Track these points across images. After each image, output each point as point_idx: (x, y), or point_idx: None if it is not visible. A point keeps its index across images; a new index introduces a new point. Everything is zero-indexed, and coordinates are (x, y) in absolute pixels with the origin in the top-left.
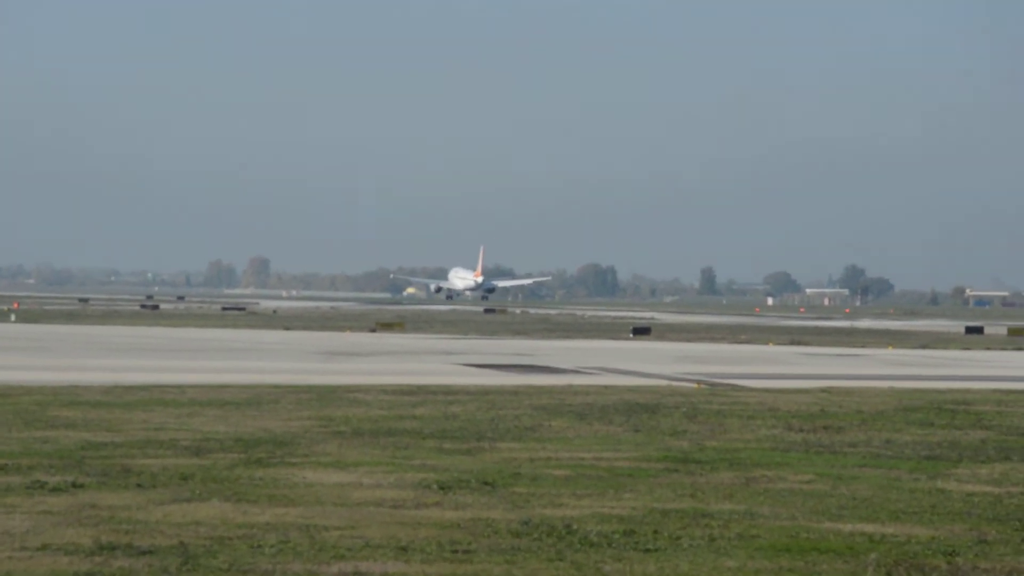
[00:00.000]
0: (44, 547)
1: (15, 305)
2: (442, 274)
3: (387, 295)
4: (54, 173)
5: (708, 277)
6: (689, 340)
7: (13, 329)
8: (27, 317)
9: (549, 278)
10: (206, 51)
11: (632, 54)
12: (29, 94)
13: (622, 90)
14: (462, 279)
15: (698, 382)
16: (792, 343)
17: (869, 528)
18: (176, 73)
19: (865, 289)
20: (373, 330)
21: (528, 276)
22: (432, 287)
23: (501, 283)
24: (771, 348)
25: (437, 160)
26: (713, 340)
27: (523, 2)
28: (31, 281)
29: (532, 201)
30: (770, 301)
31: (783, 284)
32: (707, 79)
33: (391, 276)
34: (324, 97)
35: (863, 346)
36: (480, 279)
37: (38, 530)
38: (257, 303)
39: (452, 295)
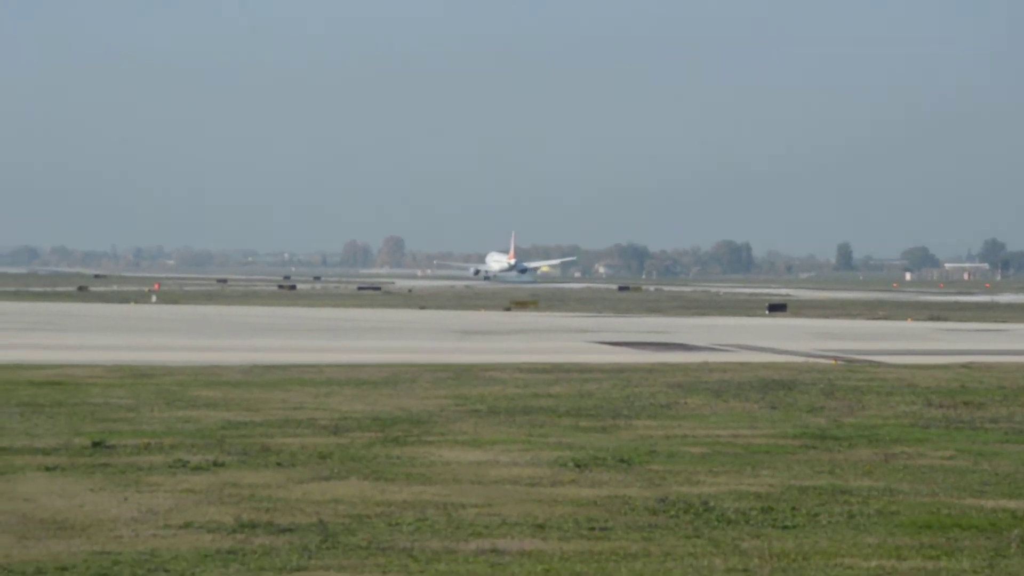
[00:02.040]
0: (187, 525)
1: (156, 287)
2: (559, 252)
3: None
4: (190, 157)
5: (844, 253)
6: (826, 316)
7: (154, 310)
8: (167, 298)
9: (574, 258)
10: (334, 35)
11: (761, 32)
12: (165, 80)
13: (752, 68)
14: (497, 261)
15: (835, 358)
16: (931, 318)
17: (1012, 504)
18: (295, 55)
19: (1006, 263)
20: (507, 309)
21: (560, 256)
22: (472, 270)
23: (531, 264)
24: (910, 324)
25: (569, 139)
26: (850, 316)
27: None
28: (171, 263)
29: (667, 178)
30: (908, 276)
31: (921, 259)
32: (835, 48)
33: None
34: (458, 80)
35: (1004, 321)
36: (513, 260)
37: (181, 508)
38: (392, 282)
39: (488, 276)
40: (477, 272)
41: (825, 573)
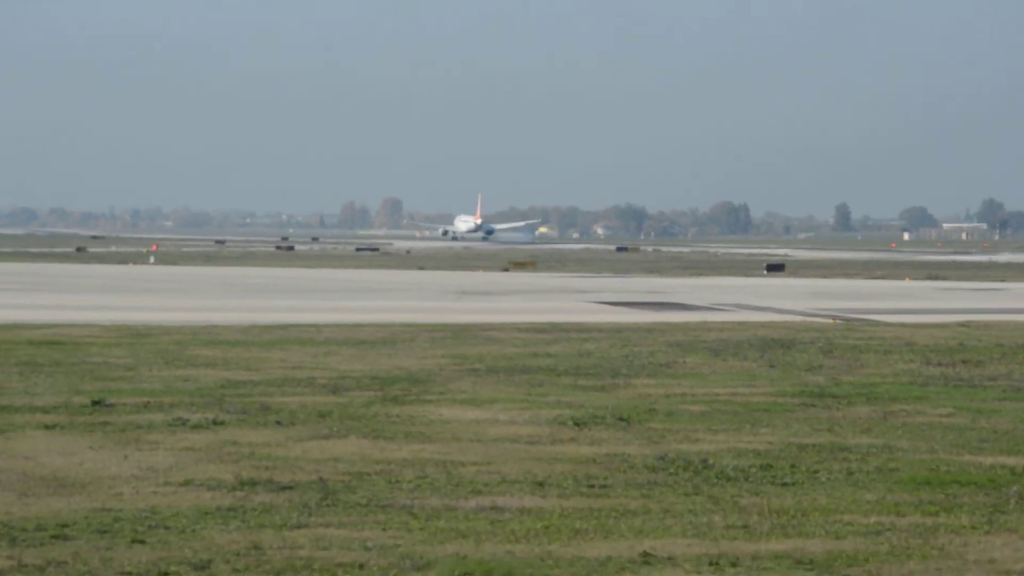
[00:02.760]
0: (187, 483)
1: (153, 247)
2: (557, 213)
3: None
4: (190, 116)
5: (843, 213)
6: (824, 276)
7: (152, 271)
8: (165, 259)
9: (539, 220)
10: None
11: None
12: (168, 37)
13: (748, 25)
14: (464, 223)
15: (833, 317)
16: (929, 278)
17: (1011, 461)
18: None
19: (1004, 223)
20: (506, 269)
21: (524, 220)
22: (440, 230)
23: (498, 226)
24: (908, 283)
25: (570, 100)
26: (848, 276)
27: None
28: (169, 224)
29: (667, 139)
30: (906, 236)
31: (919, 219)
32: (836, 14)
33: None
34: (459, 39)
35: (1002, 280)
36: (479, 221)
37: (181, 466)
38: (391, 243)
39: (456, 236)
40: (445, 233)
41: (824, 529)
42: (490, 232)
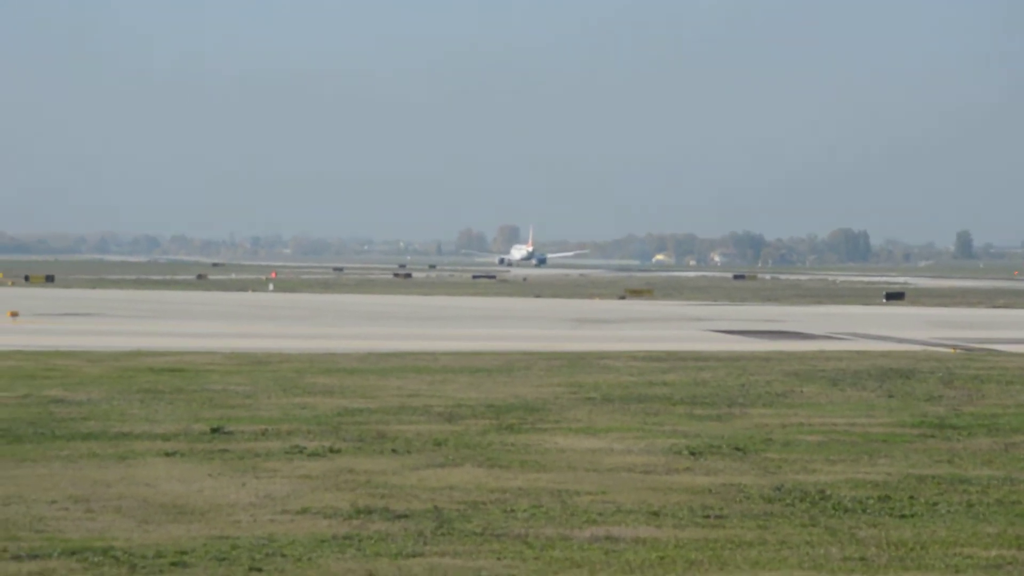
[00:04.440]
0: (304, 510)
1: (272, 275)
2: (674, 240)
3: (635, 262)
4: (309, 144)
5: (964, 241)
6: (944, 305)
7: (271, 298)
8: (284, 287)
9: (587, 251)
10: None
11: (872, 18)
12: (273, 73)
13: (863, 54)
14: (518, 251)
15: (954, 347)
16: None
17: None
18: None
19: None
20: (622, 297)
21: (577, 248)
22: (497, 259)
23: (550, 255)
24: None
25: (686, 129)
26: (969, 305)
27: None
28: (288, 251)
29: (784, 167)
30: None
31: None
32: (949, 30)
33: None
34: (578, 69)
35: None
36: (531, 249)
37: (298, 494)
38: (508, 271)
39: (511, 264)
40: (502, 260)
41: (944, 563)
42: (542, 260)
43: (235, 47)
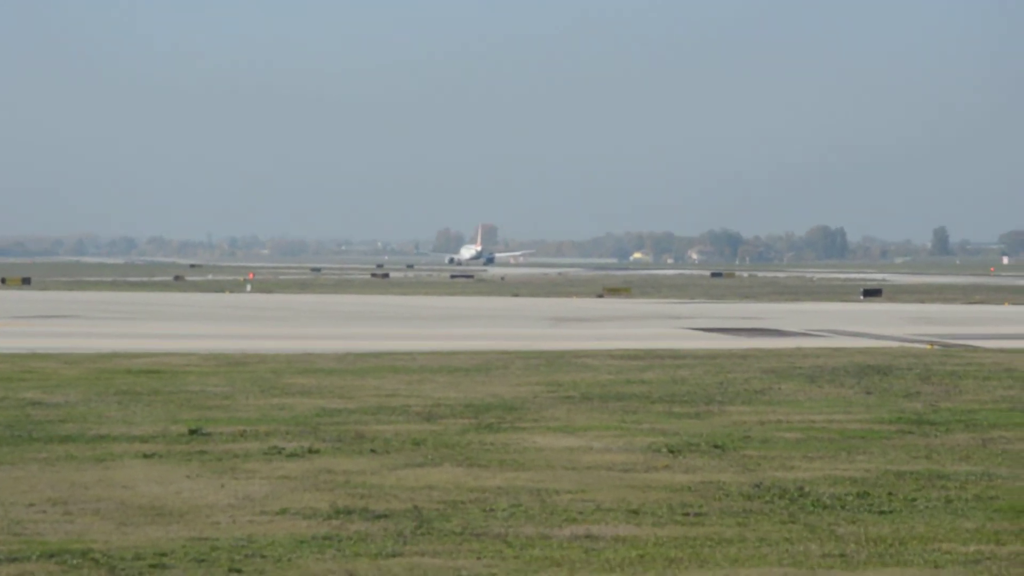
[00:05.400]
0: (283, 511)
1: (250, 276)
2: (652, 238)
3: (613, 260)
4: (286, 145)
5: (940, 237)
6: (921, 301)
7: (249, 299)
8: (262, 287)
9: (533, 251)
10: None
11: (853, 17)
12: (251, 73)
13: (843, 52)
14: (467, 251)
15: (931, 343)
16: None
17: None
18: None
19: None
20: (600, 295)
21: (521, 248)
22: (446, 258)
23: (498, 254)
24: (1007, 308)
25: (663, 127)
26: (946, 301)
27: None
28: (265, 252)
29: (762, 165)
30: (1006, 260)
31: (1019, 243)
32: (926, 30)
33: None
34: (558, 67)
35: None
36: (480, 249)
37: (277, 495)
38: (485, 270)
39: (460, 263)
40: (451, 260)
41: (923, 558)
42: (491, 259)
43: (208, 46)
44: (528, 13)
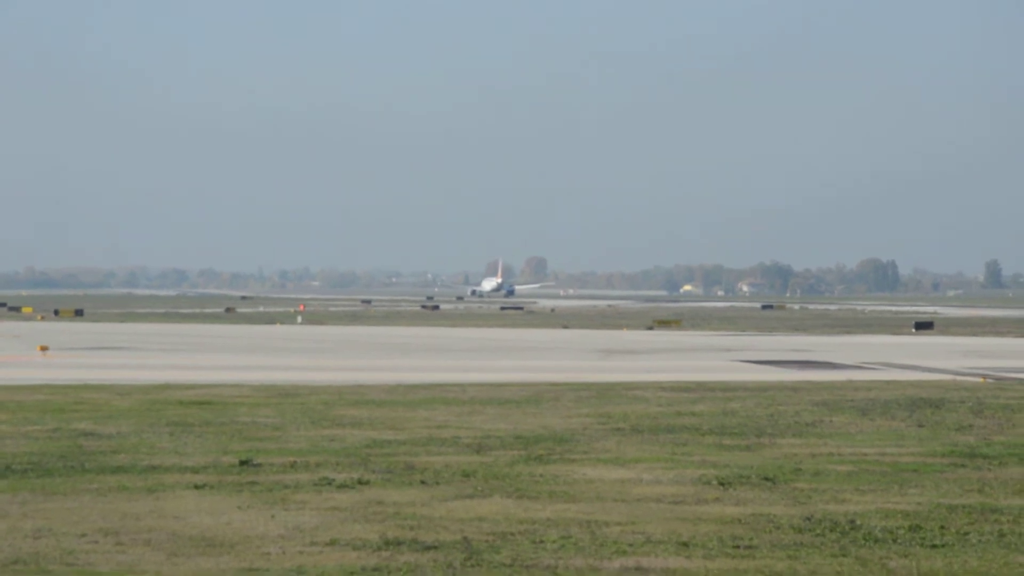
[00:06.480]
0: (333, 542)
1: (301, 307)
2: (702, 271)
3: (663, 292)
4: (337, 177)
5: (993, 270)
6: (974, 334)
7: (300, 331)
8: (313, 319)
9: (553, 282)
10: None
11: (900, 42)
12: (302, 110)
13: (892, 81)
14: (489, 283)
15: (984, 376)
16: None
17: None
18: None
19: None
20: (650, 327)
21: (541, 282)
22: (469, 291)
23: (518, 286)
24: None
25: (712, 158)
26: (999, 334)
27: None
28: (316, 283)
29: (812, 196)
30: None
31: None
32: (976, 54)
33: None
34: (602, 102)
35: None
36: (500, 281)
37: (327, 526)
38: (535, 302)
39: (482, 295)
40: (474, 292)
41: None
42: (511, 291)
43: (262, 83)
44: (580, 48)
